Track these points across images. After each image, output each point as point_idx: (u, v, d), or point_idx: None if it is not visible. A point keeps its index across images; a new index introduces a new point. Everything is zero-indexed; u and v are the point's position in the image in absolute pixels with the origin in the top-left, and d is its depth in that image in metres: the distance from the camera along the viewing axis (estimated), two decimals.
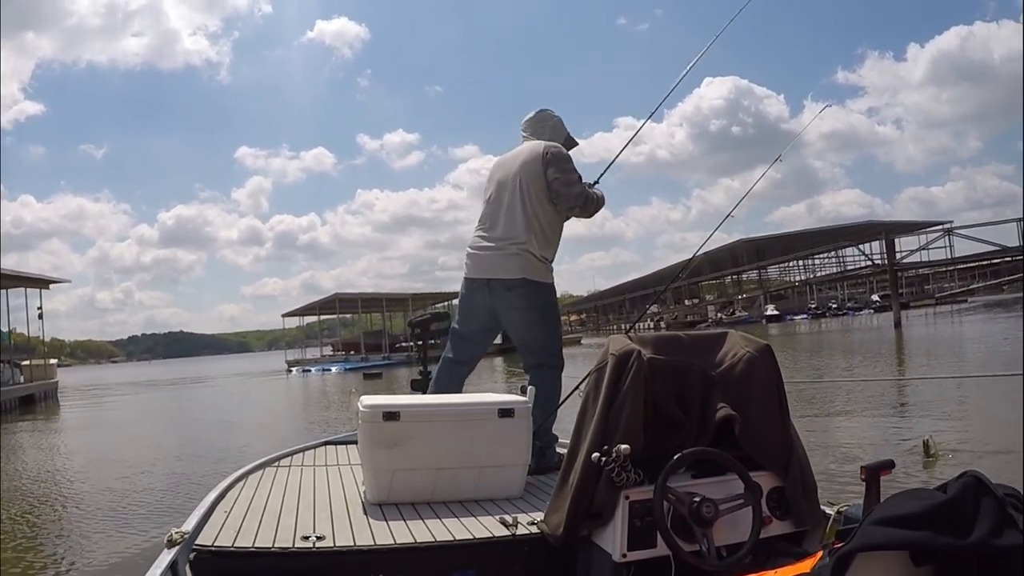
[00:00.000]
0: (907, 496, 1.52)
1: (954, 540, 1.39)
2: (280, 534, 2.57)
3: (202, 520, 2.73)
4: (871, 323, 46.69)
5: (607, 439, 2.31)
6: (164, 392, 33.23)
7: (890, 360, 19.50)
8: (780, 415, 2.43)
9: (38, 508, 7.93)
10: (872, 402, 11.35)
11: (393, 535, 2.61)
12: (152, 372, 75.35)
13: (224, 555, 2.41)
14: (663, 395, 2.39)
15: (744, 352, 2.50)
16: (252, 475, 3.60)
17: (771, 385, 2.44)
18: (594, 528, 2.36)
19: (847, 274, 73.98)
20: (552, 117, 4.16)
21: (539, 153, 3.89)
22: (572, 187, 3.84)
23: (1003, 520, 1.40)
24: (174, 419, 19.33)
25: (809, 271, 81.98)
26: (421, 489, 3.06)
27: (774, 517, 2.34)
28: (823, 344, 29.92)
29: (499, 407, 3.11)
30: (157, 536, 4.47)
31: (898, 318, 36.69)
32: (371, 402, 3.10)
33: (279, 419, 17.38)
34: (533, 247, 3.84)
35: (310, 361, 52.94)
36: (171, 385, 37.13)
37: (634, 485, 2.25)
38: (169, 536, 2.43)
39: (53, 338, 40.97)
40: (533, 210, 3.85)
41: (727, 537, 2.24)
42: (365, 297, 57.30)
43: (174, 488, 8.21)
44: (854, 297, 77.89)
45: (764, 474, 2.37)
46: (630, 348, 2.42)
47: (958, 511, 1.43)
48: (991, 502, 1.42)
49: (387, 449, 2.99)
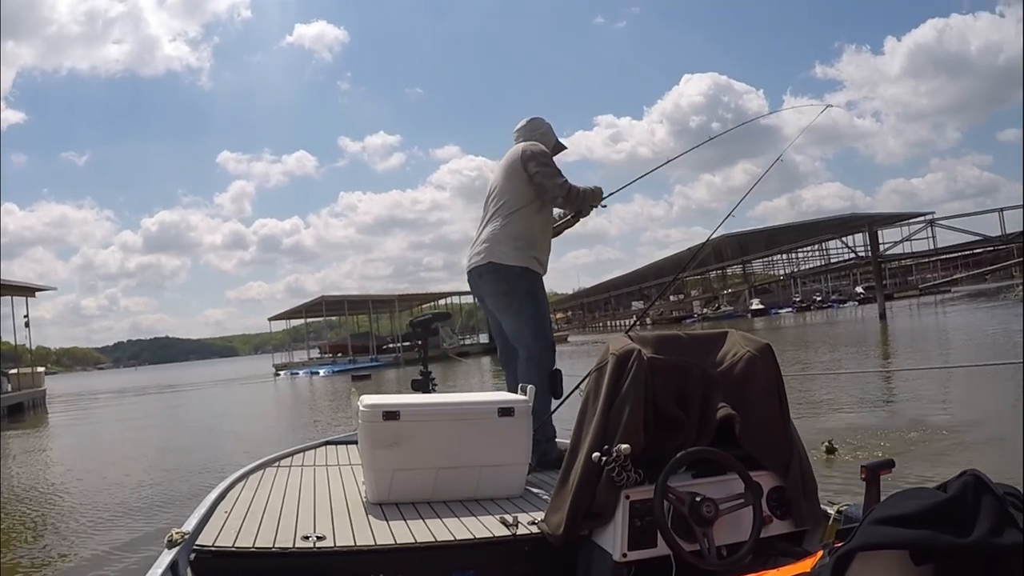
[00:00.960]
0: (907, 495, 1.52)
1: (954, 539, 1.39)
2: (280, 534, 2.57)
3: (202, 520, 2.73)
4: (856, 315, 47.00)
5: (607, 439, 2.31)
6: (153, 400, 32.88)
7: (876, 352, 19.67)
8: (780, 415, 2.44)
9: (32, 517, 7.87)
10: (847, 395, 11.52)
11: (393, 535, 2.61)
12: (139, 379, 74.60)
13: (224, 555, 2.41)
14: (663, 395, 2.40)
15: (744, 352, 2.51)
16: (252, 475, 3.59)
17: (771, 385, 2.45)
18: (594, 528, 2.36)
19: (831, 267, 74.27)
20: (543, 124, 4.38)
21: (518, 152, 4.11)
22: (554, 179, 4.03)
23: (1003, 519, 1.40)
24: (165, 428, 19.09)
25: (793, 265, 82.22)
26: (421, 489, 3.06)
27: (774, 516, 2.35)
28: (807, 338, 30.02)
29: (499, 406, 3.11)
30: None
31: (883, 310, 37.02)
32: (371, 402, 3.10)
33: (273, 424, 17.14)
34: (501, 234, 4.05)
35: (298, 364, 52.71)
36: (159, 393, 36.74)
37: (634, 485, 2.25)
38: (169, 536, 2.43)
39: (39, 346, 40.58)
40: (506, 201, 4.09)
41: (727, 537, 2.25)
42: (352, 299, 57.03)
43: (166, 503, 8.13)
44: (838, 289, 78.39)
45: (764, 474, 2.38)
46: (630, 348, 2.43)
47: (958, 510, 1.43)
48: (991, 501, 1.42)
49: (387, 449, 2.99)
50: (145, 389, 43.02)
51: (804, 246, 71.97)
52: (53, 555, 6.21)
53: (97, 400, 35.37)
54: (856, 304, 63.98)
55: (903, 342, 22.41)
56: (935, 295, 60.64)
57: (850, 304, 66.56)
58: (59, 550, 6.34)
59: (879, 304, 38.00)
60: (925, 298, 58.90)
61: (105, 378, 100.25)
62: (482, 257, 4.06)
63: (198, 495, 3.52)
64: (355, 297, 57.67)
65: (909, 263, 65.73)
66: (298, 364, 52.83)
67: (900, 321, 34.37)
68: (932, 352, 17.77)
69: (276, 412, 21.20)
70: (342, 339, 60.31)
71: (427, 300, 63.90)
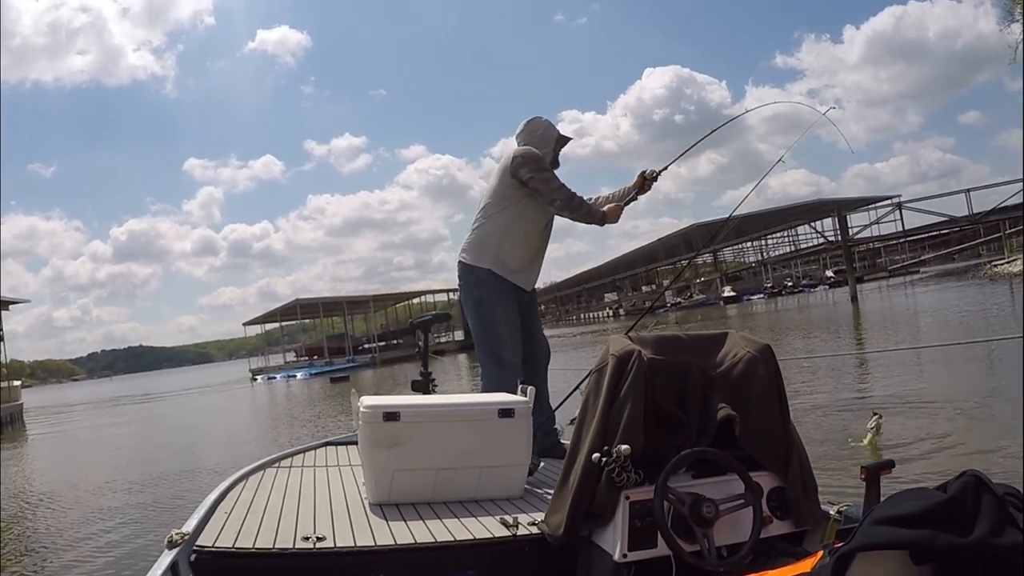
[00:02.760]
0: (907, 495, 1.52)
1: (954, 539, 1.38)
2: (280, 535, 2.57)
3: (203, 521, 2.72)
4: (828, 299, 47.44)
5: (607, 439, 2.32)
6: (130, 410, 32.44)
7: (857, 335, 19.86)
8: (780, 415, 2.44)
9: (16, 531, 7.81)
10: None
11: (393, 535, 2.61)
12: (115, 388, 73.77)
13: (225, 556, 2.41)
14: (663, 395, 2.40)
15: (744, 352, 2.51)
16: (252, 476, 3.57)
17: (771, 385, 2.45)
18: (594, 528, 2.37)
19: (801, 252, 74.90)
20: (540, 125, 4.27)
21: (509, 157, 4.06)
22: (549, 183, 3.98)
23: (1003, 519, 1.40)
24: (146, 440, 18.78)
25: (761, 251, 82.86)
26: (421, 489, 3.06)
27: (774, 517, 2.36)
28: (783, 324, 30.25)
29: (499, 407, 3.11)
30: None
31: (854, 292, 37.50)
32: (371, 402, 3.09)
33: (261, 431, 16.89)
34: (475, 234, 4.10)
35: (274, 368, 52.23)
36: (139, 403, 36.13)
37: (634, 485, 2.26)
38: (170, 537, 2.43)
39: (12, 359, 39.76)
40: (488, 203, 4.11)
41: (727, 537, 2.26)
42: (326, 301, 56.69)
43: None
44: (808, 274, 78.95)
45: (764, 474, 2.39)
46: (630, 348, 2.43)
47: (958, 510, 1.43)
48: (991, 501, 1.43)
49: (387, 449, 2.99)
50: (123, 399, 42.32)
51: (774, 232, 72.61)
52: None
53: (74, 412, 34.81)
54: (827, 288, 64.56)
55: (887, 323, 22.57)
56: (904, 276, 61.30)
57: (821, 288, 67.11)
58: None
59: (850, 287, 38.48)
60: (894, 280, 59.51)
61: (81, 390, 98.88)
62: (460, 255, 4.14)
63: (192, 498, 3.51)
64: (330, 299, 57.35)
65: (878, 246, 66.36)
66: (274, 368, 52.35)
67: (872, 303, 34.77)
68: (908, 334, 17.92)
69: (258, 421, 20.88)
70: (318, 341, 59.96)
71: (401, 300, 63.83)
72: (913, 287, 45.56)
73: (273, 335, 67.74)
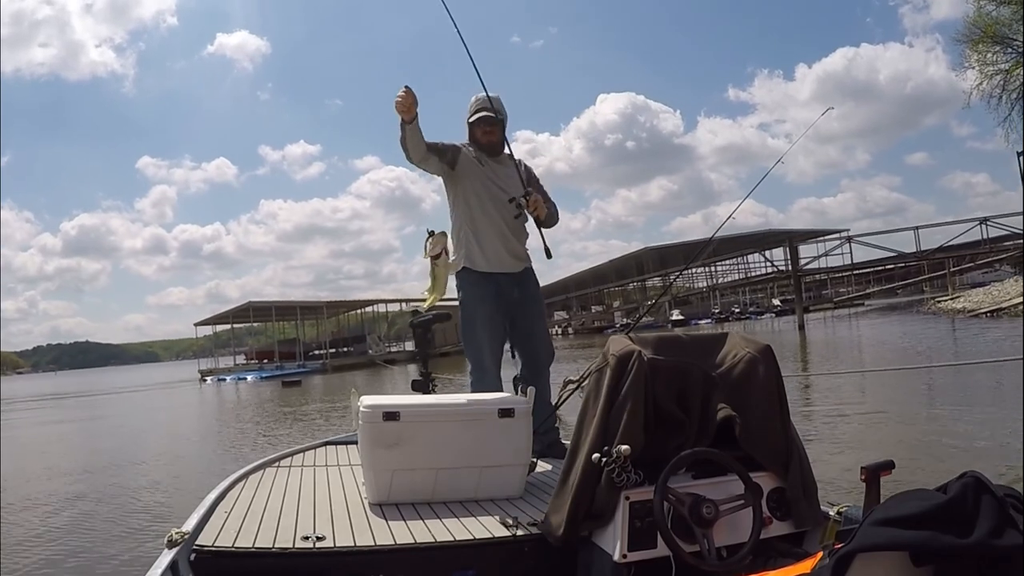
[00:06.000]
0: (907, 496, 1.52)
1: (954, 540, 1.38)
2: (280, 534, 2.56)
3: (202, 520, 2.69)
4: (775, 326, 48.21)
5: (607, 440, 2.32)
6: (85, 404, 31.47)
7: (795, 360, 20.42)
8: (780, 416, 2.46)
9: None
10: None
11: (393, 535, 2.61)
12: (60, 384, 71.65)
13: (224, 555, 2.40)
14: (664, 396, 2.41)
15: (744, 353, 2.52)
16: (252, 475, 3.54)
17: (771, 386, 2.46)
18: (594, 528, 2.38)
19: (751, 280, 76.15)
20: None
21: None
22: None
23: (1003, 520, 1.41)
24: (101, 438, 18.24)
25: (711, 277, 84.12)
26: (421, 489, 3.05)
27: (774, 518, 2.38)
28: None
29: (499, 407, 3.11)
30: None
31: (802, 321, 38.38)
32: (372, 402, 3.07)
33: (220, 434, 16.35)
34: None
35: (224, 370, 51.27)
36: (91, 396, 35.00)
37: (634, 486, 2.27)
38: (169, 536, 2.41)
39: None
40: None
41: (727, 538, 2.28)
42: (279, 305, 55.79)
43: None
44: (755, 302, 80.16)
45: (764, 475, 2.41)
46: (631, 349, 2.43)
47: (958, 511, 1.43)
48: (991, 502, 1.43)
49: (387, 449, 2.98)
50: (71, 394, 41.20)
51: (726, 259, 73.79)
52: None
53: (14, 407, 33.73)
54: (773, 316, 65.60)
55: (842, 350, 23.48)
56: (849, 308, 62.60)
57: (767, 316, 68.16)
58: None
59: (798, 316, 39.37)
60: (839, 311, 60.78)
61: (26, 383, 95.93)
62: None
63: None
64: (283, 303, 56.43)
65: (823, 277, 67.77)
66: (224, 370, 51.40)
67: (817, 332, 35.48)
68: (854, 359, 18.56)
69: (227, 421, 20.43)
70: (268, 345, 58.88)
71: (354, 307, 63.12)
72: (858, 319, 46.71)
73: (222, 337, 66.46)
